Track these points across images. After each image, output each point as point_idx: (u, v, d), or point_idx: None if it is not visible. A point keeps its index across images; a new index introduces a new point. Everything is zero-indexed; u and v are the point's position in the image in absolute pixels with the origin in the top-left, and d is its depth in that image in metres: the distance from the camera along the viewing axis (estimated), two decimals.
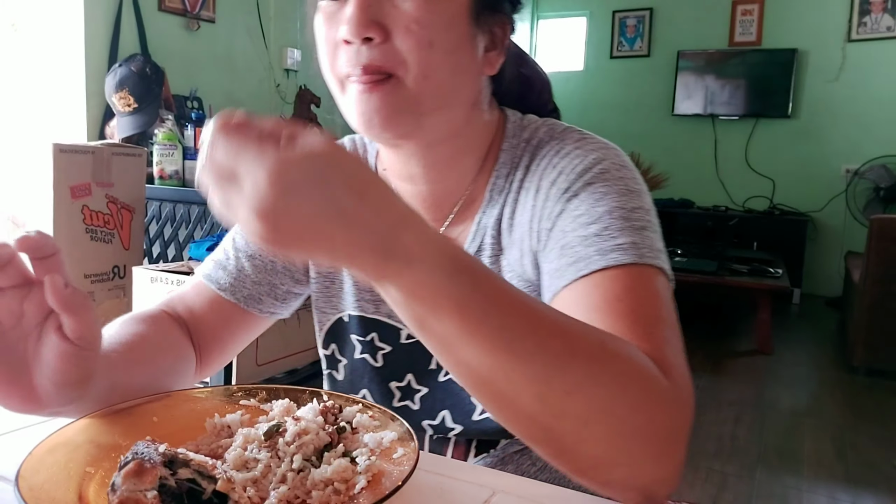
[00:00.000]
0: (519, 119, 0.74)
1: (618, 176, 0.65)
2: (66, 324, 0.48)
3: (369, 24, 0.59)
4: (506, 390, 0.46)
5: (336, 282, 0.80)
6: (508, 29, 0.69)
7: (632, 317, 0.54)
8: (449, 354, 0.47)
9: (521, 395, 0.46)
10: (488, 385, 0.46)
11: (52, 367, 0.49)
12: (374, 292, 0.76)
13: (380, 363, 0.78)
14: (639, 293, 0.57)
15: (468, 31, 0.64)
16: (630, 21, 5.77)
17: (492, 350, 0.45)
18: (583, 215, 0.62)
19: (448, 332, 0.45)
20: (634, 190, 0.65)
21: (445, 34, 0.61)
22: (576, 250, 0.60)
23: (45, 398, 0.51)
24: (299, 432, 0.52)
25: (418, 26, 0.60)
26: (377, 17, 0.60)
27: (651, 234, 0.62)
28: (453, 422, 0.75)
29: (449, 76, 0.63)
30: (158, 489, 0.43)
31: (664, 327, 0.55)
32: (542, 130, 0.72)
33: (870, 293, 3.29)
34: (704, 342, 3.90)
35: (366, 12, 0.59)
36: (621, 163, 0.67)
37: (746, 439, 2.60)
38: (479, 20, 0.65)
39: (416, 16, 0.60)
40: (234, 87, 3.65)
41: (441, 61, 0.62)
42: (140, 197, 1.48)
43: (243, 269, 0.77)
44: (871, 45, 4.96)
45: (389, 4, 0.60)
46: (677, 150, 5.63)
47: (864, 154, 4.94)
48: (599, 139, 0.70)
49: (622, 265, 0.57)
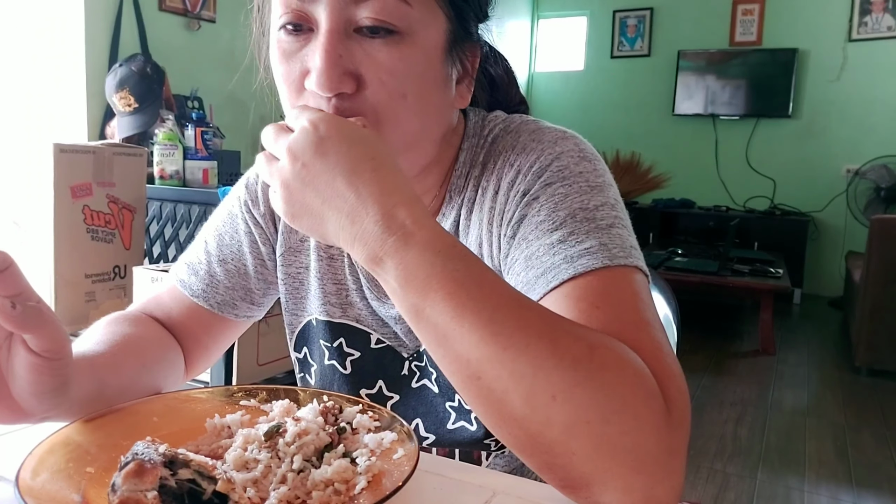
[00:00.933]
0: (480, 119, 0.71)
1: (577, 171, 0.61)
2: (28, 339, 0.47)
3: (341, 77, 0.55)
4: (494, 388, 0.45)
5: (304, 283, 0.77)
6: (478, 55, 0.66)
7: (614, 325, 0.50)
8: (442, 346, 0.47)
9: (509, 394, 0.45)
10: (478, 382, 0.46)
11: (25, 380, 0.48)
12: (340, 296, 0.75)
13: (348, 370, 0.76)
14: (615, 298, 0.53)
15: (441, 74, 0.61)
16: (630, 21, 5.77)
17: (481, 341, 0.45)
18: (544, 221, 0.59)
19: (441, 320, 0.46)
20: (596, 185, 0.61)
21: (419, 83, 0.58)
22: (542, 260, 0.57)
23: (26, 408, 0.50)
24: (299, 433, 0.52)
25: (391, 77, 0.56)
26: (349, 66, 0.55)
27: (620, 230, 0.58)
28: (426, 430, 0.73)
29: (419, 124, 0.61)
30: (159, 489, 0.43)
31: (649, 329, 0.52)
32: (499, 126, 0.69)
33: (871, 293, 3.28)
34: (706, 342, 3.90)
35: (337, 64, 0.55)
36: (580, 154, 0.63)
37: (748, 439, 2.60)
38: (451, 55, 0.61)
39: (389, 67, 0.56)
40: (234, 86, 3.65)
41: (413, 111, 0.59)
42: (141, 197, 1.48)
43: (215, 274, 0.76)
44: (871, 45, 4.96)
45: (360, 51, 0.56)
46: (678, 150, 5.63)
47: (865, 154, 4.94)
48: (556, 129, 0.66)
49: (593, 270, 0.54)
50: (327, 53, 0.55)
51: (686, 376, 0.50)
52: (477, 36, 0.66)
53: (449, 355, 0.47)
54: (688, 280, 3.84)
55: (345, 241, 0.50)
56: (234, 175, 2.57)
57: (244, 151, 3.40)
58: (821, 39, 5.11)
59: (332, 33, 0.55)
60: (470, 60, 0.65)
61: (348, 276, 0.75)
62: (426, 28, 0.58)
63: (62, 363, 0.49)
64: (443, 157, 0.69)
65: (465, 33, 0.62)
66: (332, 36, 0.55)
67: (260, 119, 3.84)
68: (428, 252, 0.47)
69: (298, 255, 0.77)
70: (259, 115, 3.99)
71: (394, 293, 0.49)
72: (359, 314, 0.75)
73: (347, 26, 0.55)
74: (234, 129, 3.57)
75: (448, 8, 0.60)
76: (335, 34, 0.55)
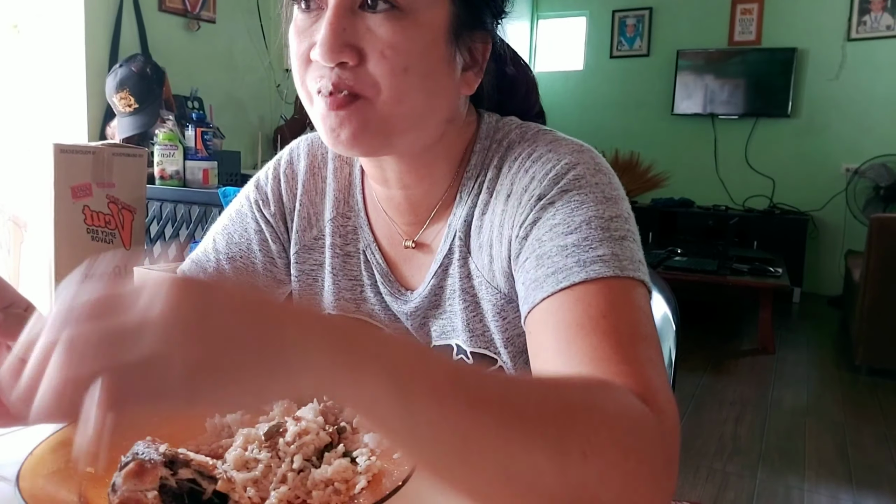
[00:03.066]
0: (494, 121, 0.72)
1: (593, 182, 0.62)
2: (13, 345, 0.47)
3: (342, 48, 0.58)
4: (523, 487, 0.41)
5: (318, 280, 0.79)
6: (489, 45, 0.67)
7: (615, 336, 0.52)
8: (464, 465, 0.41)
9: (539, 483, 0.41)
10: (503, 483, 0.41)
11: (12, 386, 0.49)
12: (355, 292, 0.76)
13: None
14: (621, 309, 0.55)
15: (445, 54, 0.62)
16: (630, 20, 5.77)
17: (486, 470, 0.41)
18: (560, 224, 0.60)
19: (451, 452, 0.41)
20: (611, 197, 0.62)
21: (421, 59, 0.60)
22: (554, 260, 0.58)
23: (17, 413, 0.50)
24: (300, 432, 0.52)
25: (393, 52, 0.58)
26: (351, 39, 0.58)
27: (631, 244, 0.60)
28: None
29: (423, 100, 0.62)
30: (159, 489, 0.43)
31: (647, 346, 0.53)
32: (515, 132, 0.70)
33: (871, 292, 3.28)
34: (705, 341, 3.90)
35: (339, 36, 0.57)
36: (596, 167, 0.64)
37: (748, 439, 2.60)
38: (457, 40, 0.63)
39: (391, 41, 0.58)
40: (234, 87, 3.65)
41: (415, 86, 0.60)
42: (141, 197, 1.48)
43: (224, 271, 0.77)
44: (870, 44, 4.96)
45: (363, 27, 0.58)
46: (677, 150, 5.63)
47: (864, 153, 4.94)
48: (573, 141, 0.68)
49: (603, 278, 0.56)
50: (331, 25, 0.57)
51: (685, 376, 0.50)
52: (490, 27, 0.67)
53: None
54: (687, 279, 3.84)
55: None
56: (234, 175, 2.57)
57: (244, 152, 3.40)
58: (820, 39, 5.11)
59: (337, 7, 0.58)
60: (480, 50, 0.66)
61: (363, 273, 0.76)
62: (430, 7, 0.60)
63: None
64: (452, 149, 0.70)
65: (472, 20, 0.64)
66: (337, 10, 0.58)
67: (260, 119, 3.85)
68: (388, 385, 0.39)
69: (312, 253, 0.79)
70: (259, 115, 4.00)
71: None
72: (371, 310, 0.77)
73: (353, 3, 0.58)
74: (234, 129, 3.57)
75: None
76: (340, 8, 0.58)
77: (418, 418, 0.38)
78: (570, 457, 0.41)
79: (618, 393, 0.47)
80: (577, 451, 0.41)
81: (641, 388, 0.49)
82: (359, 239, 0.77)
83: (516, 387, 0.44)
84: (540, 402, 0.43)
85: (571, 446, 0.41)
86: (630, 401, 0.47)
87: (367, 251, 0.76)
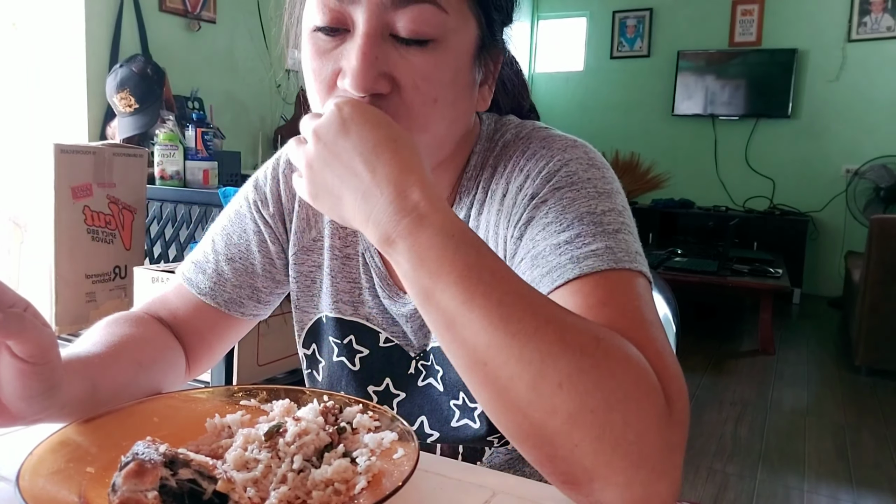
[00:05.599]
0: (493, 122, 0.73)
1: (586, 178, 0.62)
2: (12, 345, 0.47)
3: (376, 79, 0.56)
4: (500, 374, 0.45)
5: (317, 281, 0.79)
6: (500, 59, 0.67)
7: (618, 322, 0.51)
8: (450, 331, 0.47)
9: (515, 381, 0.45)
10: (484, 368, 0.46)
11: (12, 385, 0.49)
12: (353, 294, 0.77)
13: (357, 367, 0.77)
14: (620, 298, 0.54)
15: (470, 79, 0.62)
16: (630, 21, 5.77)
17: (490, 326, 0.45)
18: (552, 223, 0.60)
19: (451, 304, 0.47)
20: (604, 191, 0.62)
21: (450, 89, 0.60)
22: (548, 259, 0.58)
23: (16, 412, 0.51)
24: (300, 432, 0.52)
25: (426, 83, 0.57)
26: (384, 68, 0.56)
27: (626, 236, 0.59)
28: (430, 428, 0.74)
29: (445, 128, 0.62)
30: (159, 489, 0.43)
31: (651, 328, 0.52)
32: (511, 131, 0.71)
33: (871, 293, 3.28)
34: (706, 342, 3.90)
35: (373, 66, 0.56)
36: (589, 162, 0.64)
37: (748, 439, 2.60)
38: (479, 60, 0.63)
39: (423, 71, 0.57)
40: (234, 87, 3.65)
41: (441, 115, 0.60)
42: (141, 197, 1.48)
43: (223, 272, 0.76)
44: (871, 45, 4.96)
45: (395, 54, 0.57)
46: (677, 151, 5.63)
47: (865, 154, 4.94)
48: (566, 137, 0.67)
49: (599, 271, 0.55)
50: (364, 55, 0.56)
51: (686, 376, 0.50)
52: (502, 41, 0.67)
53: (457, 340, 0.47)
54: (687, 280, 3.84)
55: (359, 222, 0.52)
56: (235, 175, 2.57)
57: (244, 152, 3.40)
58: (820, 40, 5.12)
59: (369, 36, 0.56)
60: (493, 64, 0.66)
61: (362, 275, 0.76)
62: (459, 34, 0.59)
63: (48, 367, 0.49)
64: (457, 157, 0.70)
65: (492, 38, 0.64)
66: (369, 39, 0.56)
67: (260, 119, 3.85)
68: (440, 235, 0.48)
69: (311, 254, 0.78)
70: (259, 116, 4.00)
71: (405, 276, 0.49)
72: (369, 312, 0.76)
73: (384, 30, 0.57)
74: (234, 129, 3.57)
75: (480, 14, 0.61)
76: (372, 37, 0.56)
77: (417, 284, 0.48)
78: (546, 380, 0.44)
79: (624, 350, 0.47)
80: (554, 379, 0.44)
81: (650, 354, 0.48)
82: (358, 241, 0.77)
83: (516, 286, 0.48)
84: (534, 315, 0.46)
85: (550, 372, 0.44)
86: (633, 360, 0.47)
87: (365, 254, 0.76)
